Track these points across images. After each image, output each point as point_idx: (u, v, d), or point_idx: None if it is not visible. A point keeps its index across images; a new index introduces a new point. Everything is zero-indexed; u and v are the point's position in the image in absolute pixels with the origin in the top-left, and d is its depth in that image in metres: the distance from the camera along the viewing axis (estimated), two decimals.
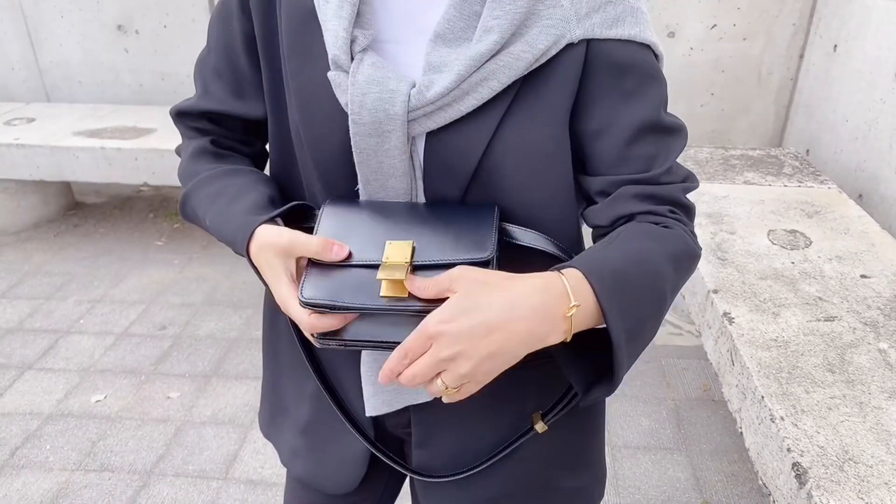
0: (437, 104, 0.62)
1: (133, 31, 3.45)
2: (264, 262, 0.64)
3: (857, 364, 1.51)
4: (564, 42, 0.63)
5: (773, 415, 1.37)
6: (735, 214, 2.22)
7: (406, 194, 0.67)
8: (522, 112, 0.64)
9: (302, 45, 0.67)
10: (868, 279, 1.84)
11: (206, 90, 0.76)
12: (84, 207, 3.62)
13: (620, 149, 0.67)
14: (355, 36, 0.63)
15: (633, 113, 0.66)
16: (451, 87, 0.61)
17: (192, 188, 0.74)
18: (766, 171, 2.59)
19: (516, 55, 0.62)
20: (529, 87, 0.64)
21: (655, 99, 0.67)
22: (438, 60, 0.63)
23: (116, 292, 2.83)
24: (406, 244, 0.61)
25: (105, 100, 3.64)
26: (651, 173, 0.67)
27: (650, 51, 0.67)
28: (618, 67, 0.65)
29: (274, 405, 0.89)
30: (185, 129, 0.81)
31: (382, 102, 0.62)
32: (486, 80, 0.62)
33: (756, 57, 3.17)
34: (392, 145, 0.63)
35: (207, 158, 0.77)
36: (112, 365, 2.38)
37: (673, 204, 0.69)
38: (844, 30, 2.78)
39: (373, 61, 0.63)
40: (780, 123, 3.30)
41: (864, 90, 2.61)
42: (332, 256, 0.61)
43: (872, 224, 2.16)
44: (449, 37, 0.63)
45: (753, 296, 1.77)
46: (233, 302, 2.77)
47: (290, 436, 0.85)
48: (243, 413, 2.15)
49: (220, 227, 0.69)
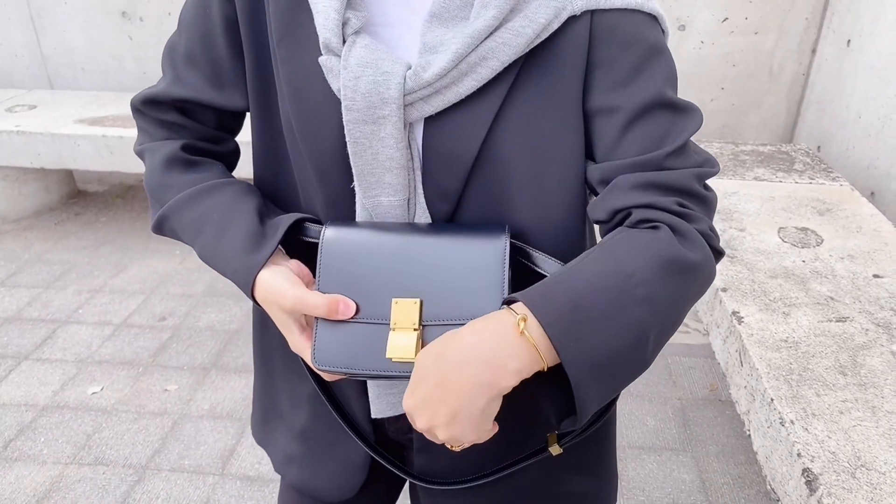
0: (434, 86, 0.58)
1: (137, 18, 3.41)
2: (271, 312, 0.65)
3: (869, 366, 1.46)
4: (566, 15, 0.59)
5: (782, 418, 1.33)
6: (745, 211, 2.17)
7: (403, 189, 0.63)
8: (526, 93, 0.60)
9: (291, 30, 0.63)
10: (881, 279, 1.80)
11: (178, 77, 0.70)
12: (86, 196, 3.59)
13: (624, 128, 0.61)
14: (347, 18, 0.60)
15: (639, 89, 0.60)
16: (448, 67, 0.57)
17: (170, 210, 0.69)
18: (776, 167, 2.54)
19: (516, 31, 0.58)
20: (533, 66, 0.60)
21: (662, 74, 0.61)
22: (434, 40, 0.59)
23: (116, 282, 2.81)
24: (413, 304, 0.60)
25: (108, 87, 3.60)
26: (655, 154, 0.59)
27: (656, 23, 0.62)
28: (622, 40, 0.60)
29: (266, 410, 0.85)
30: (150, 123, 0.74)
31: (377, 85, 0.58)
32: (485, 60, 0.58)
33: (768, 51, 3.11)
34: (388, 133, 0.60)
35: (180, 169, 0.71)
36: (110, 356, 2.36)
37: (682, 193, 0.60)
38: (858, 25, 2.72)
39: (366, 43, 0.60)
40: (791, 119, 3.25)
41: (878, 86, 2.55)
42: (339, 316, 0.61)
43: (885, 222, 2.11)
44: (445, 16, 0.60)
45: (763, 295, 1.72)
46: (234, 293, 2.74)
47: (285, 442, 0.82)
48: (242, 407, 2.12)
49: (215, 262, 0.67)
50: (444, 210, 0.64)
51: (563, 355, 0.51)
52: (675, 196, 0.60)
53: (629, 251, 0.56)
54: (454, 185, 0.62)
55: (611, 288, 0.54)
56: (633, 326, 0.53)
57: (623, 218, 0.61)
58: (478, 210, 0.65)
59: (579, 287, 0.54)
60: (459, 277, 0.60)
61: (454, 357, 0.53)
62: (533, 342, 0.52)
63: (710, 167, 0.63)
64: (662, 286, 0.55)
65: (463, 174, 0.62)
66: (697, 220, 0.60)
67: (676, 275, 0.56)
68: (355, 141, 0.61)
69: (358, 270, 0.62)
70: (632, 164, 0.60)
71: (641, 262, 0.55)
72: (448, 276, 0.60)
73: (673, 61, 0.63)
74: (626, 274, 0.54)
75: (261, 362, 0.84)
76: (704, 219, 0.60)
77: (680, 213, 0.59)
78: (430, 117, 0.61)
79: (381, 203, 0.64)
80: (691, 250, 0.57)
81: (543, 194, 0.64)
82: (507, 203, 0.64)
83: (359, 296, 0.61)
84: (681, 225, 0.58)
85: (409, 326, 0.59)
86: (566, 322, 0.52)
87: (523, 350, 0.52)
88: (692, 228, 0.58)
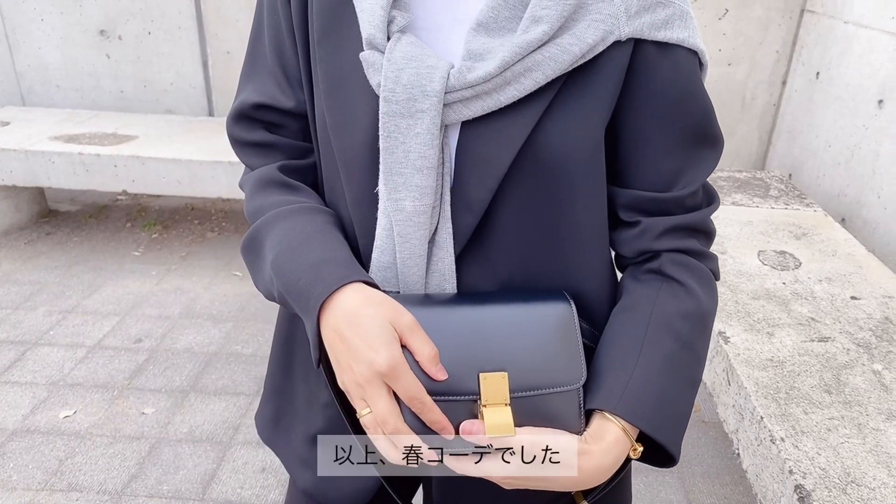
0: (475, 90, 0.58)
1: (116, 36, 3.38)
2: (366, 317, 0.56)
3: (853, 385, 1.50)
4: (612, 39, 0.60)
5: (773, 436, 1.35)
6: (725, 234, 2.22)
7: (431, 194, 0.62)
8: (565, 109, 0.61)
9: (333, 29, 0.64)
10: (858, 300, 1.85)
11: (255, 85, 0.70)
12: (58, 215, 3.51)
13: (652, 160, 0.65)
14: (393, 16, 0.61)
15: (671, 123, 0.64)
16: (494, 72, 0.58)
17: (265, 223, 0.66)
18: (752, 192, 2.61)
19: (563, 47, 0.59)
20: (574, 85, 0.61)
21: (695, 111, 0.65)
22: (480, 48, 0.60)
23: (90, 303, 2.73)
24: (501, 378, 0.58)
25: (84, 105, 3.55)
26: (679, 194, 0.66)
27: (696, 58, 0.65)
28: (661, 73, 0.63)
29: (279, 409, 0.82)
30: (244, 151, 0.73)
31: (420, 77, 0.59)
32: (530, 71, 0.59)
33: (740, 82, 3.21)
34: (424, 128, 0.60)
35: (277, 190, 0.69)
36: (83, 379, 2.28)
37: (701, 234, 0.69)
38: (827, 57, 2.84)
39: (412, 40, 0.60)
40: (763, 147, 3.35)
41: (847, 116, 2.65)
42: (433, 374, 0.57)
43: (859, 247, 2.17)
44: (492, 26, 0.60)
45: (747, 315, 1.76)
46: (212, 315, 2.69)
47: (299, 444, 0.80)
48: (222, 430, 2.07)
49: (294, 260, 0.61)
50: (467, 223, 0.64)
51: (659, 437, 0.61)
52: (695, 238, 0.69)
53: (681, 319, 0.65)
54: (482, 196, 0.62)
55: (683, 369, 0.64)
56: (696, 385, 0.66)
57: (649, 258, 0.69)
58: (502, 227, 0.64)
59: (662, 381, 0.62)
60: (536, 342, 0.60)
61: (591, 476, 0.60)
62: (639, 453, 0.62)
63: (717, 204, 0.71)
64: (705, 341, 0.66)
65: (493, 184, 0.62)
66: (710, 259, 0.70)
67: (710, 326, 0.68)
68: (389, 135, 0.60)
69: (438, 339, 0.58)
70: (658, 199, 0.66)
71: (694, 330, 0.65)
72: (526, 343, 0.60)
73: (707, 97, 0.66)
74: (688, 348, 0.64)
75: (280, 359, 0.82)
76: (713, 255, 0.70)
77: (699, 254, 0.68)
78: (467, 122, 0.61)
79: (405, 208, 0.62)
80: (711, 296, 0.68)
81: (570, 212, 0.64)
82: (533, 220, 0.64)
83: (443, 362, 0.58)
84: (702, 272, 0.68)
85: (501, 402, 0.58)
86: (658, 420, 0.61)
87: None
88: (709, 272, 0.69)
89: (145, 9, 3.32)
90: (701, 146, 0.66)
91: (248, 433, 2.07)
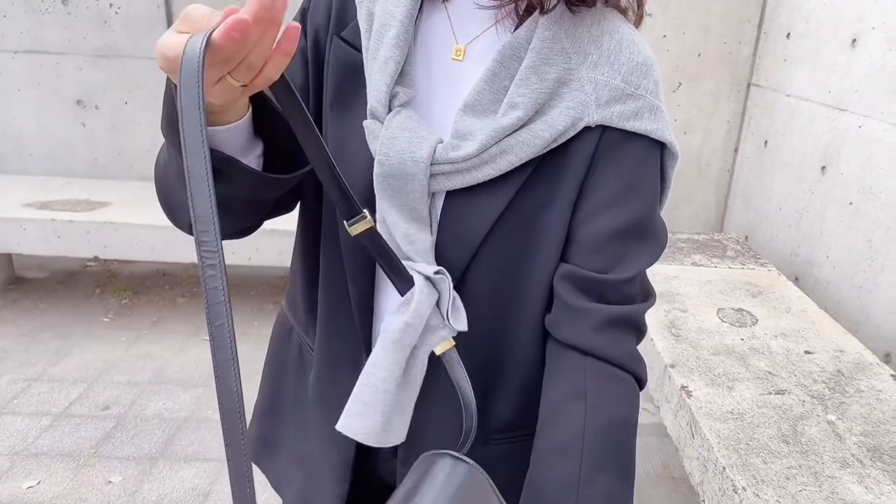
0: (457, 166, 0.65)
1: (93, 106, 3.46)
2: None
3: (808, 435, 1.56)
4: (582, 125, 0.65)
5: (735, 485, 1.39)
6: (686, 293, 2.32)
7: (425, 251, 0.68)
8: (537, 188, 0.67)
9: (344, 96, 0.70)
10: (812, 355, 1.93)
11: None
12: (24, 282, 3.47)
13: (596, 240, 0.67)
14: (396, 92, 0.66)
15: (622, 210, 0.67)
16: (472, 154, 0.64)
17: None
18: (711, 253, 2.73)
19: (535, 133, 0.64)
20: (548, 166, 0.67)
21: (648, 201, 0.68)
22: (465, 129, 0.66)
23: (56, 370, 2.69)
24: None
25: (57, 173, 3.58)
26: (614, 277, 0.66)
27: (659, 151, 0.69)
28: (621, 161, 0.67)
29: (267, 432, 0.88)
30: None
31: (410, 145, 0.64)
32: (504, 153, 0.64)
33: (696, 149, 3.40)
34: (413, 188, 0.65)
35: None
36: (48, 448, 2.23)
37: (635, 330, 0.69)
38: (773, 127, 3.04)
39: (409, 114, 0.66)
40: (720, 211, 3.51)
41: (794, 182, 2.83)
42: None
43: (811, 304, 2.28)
44: (477, 108, 0.66)
45: (708, 370, 1.83)
46: (182, 380, 2.67)
47: (286, 465, 0.85)
48: (192, 498, 2.03)
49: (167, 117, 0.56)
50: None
51: None
52: (632, 335, 0.69)
53: (615, 441, 0.64)
54: (463, 259, 0.68)
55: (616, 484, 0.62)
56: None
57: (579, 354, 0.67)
58: (478, 288, 0.70)
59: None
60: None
61: None
62: None
63: (654, 301, 0.72)
64: (632, 458, 0.65)
65: (470, 251, 0.67)
66: (640, 364, 0.69)
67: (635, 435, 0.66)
68: (383, 192, 0.66)
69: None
70: (595, 279, 0.67)
71: (622, 455, 0.64)
72: None
73: (665, 188, 0.70)
74: (622, 474, 0.63)
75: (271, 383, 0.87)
76: (642, 360, 0.70)
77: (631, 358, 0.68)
78: (451, 192, 0.67)
79: None
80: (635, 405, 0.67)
81: (531, 282, 0.70)
82: (505, 283, 0.70)
83: None
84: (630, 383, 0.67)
85: None
86: None
87: None
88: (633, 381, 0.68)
89: (123, 79, 3.41)
90: (642, 238, 0.68)
91: (219, 500, 2.04)
